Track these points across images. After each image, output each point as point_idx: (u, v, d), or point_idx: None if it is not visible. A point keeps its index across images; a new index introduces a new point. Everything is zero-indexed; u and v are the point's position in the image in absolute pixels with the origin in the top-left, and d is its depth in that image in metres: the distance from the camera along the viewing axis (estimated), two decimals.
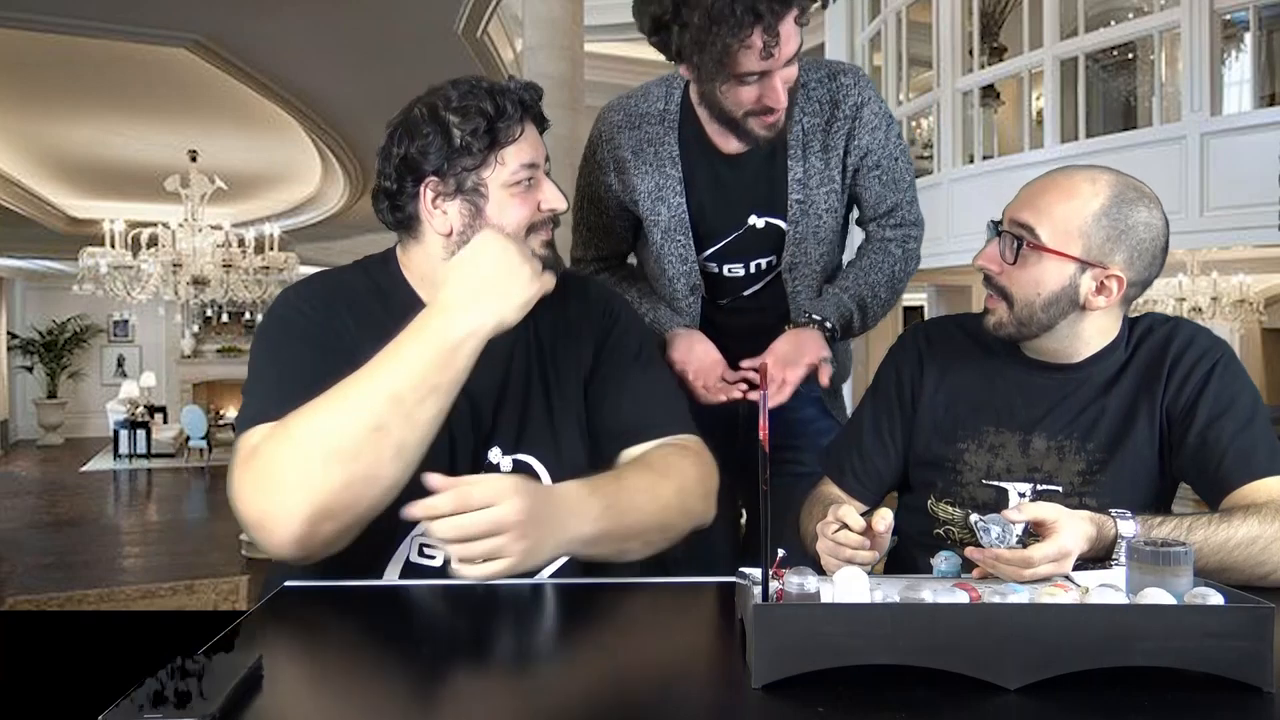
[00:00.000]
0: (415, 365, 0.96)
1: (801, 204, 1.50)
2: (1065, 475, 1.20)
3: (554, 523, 0.95)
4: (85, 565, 6.79)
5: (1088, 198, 1.13)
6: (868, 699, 0.69)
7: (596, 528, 0.99)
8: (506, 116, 1.08)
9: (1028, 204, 1.17)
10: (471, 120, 1.07)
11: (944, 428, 1.28)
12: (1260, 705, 0.69)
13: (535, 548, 0.92)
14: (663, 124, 1.51)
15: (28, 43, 5.32)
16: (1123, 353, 1.23)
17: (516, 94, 1.10)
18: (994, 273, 1.18)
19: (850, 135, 1.49)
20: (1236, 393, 1.16)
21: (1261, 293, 7.75)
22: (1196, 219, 4.69)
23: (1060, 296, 1.15)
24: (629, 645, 0.92)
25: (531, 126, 1.12)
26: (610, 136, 1.54)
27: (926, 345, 1.35)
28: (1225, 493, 1.12)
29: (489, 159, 1.09)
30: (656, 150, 1.51)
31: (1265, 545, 1.00)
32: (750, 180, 1.51)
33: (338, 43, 5.48)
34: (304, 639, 0.90)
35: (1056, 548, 0.90)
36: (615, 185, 1.56)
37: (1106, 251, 1.13)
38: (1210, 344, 1.20)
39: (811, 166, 1.49)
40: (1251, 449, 1.12)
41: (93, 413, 15.11)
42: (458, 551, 0.90)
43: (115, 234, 7.23)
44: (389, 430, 0.94)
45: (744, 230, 1.54)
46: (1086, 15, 5.79)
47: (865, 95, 1.48)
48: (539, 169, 1.13)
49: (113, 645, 1.11)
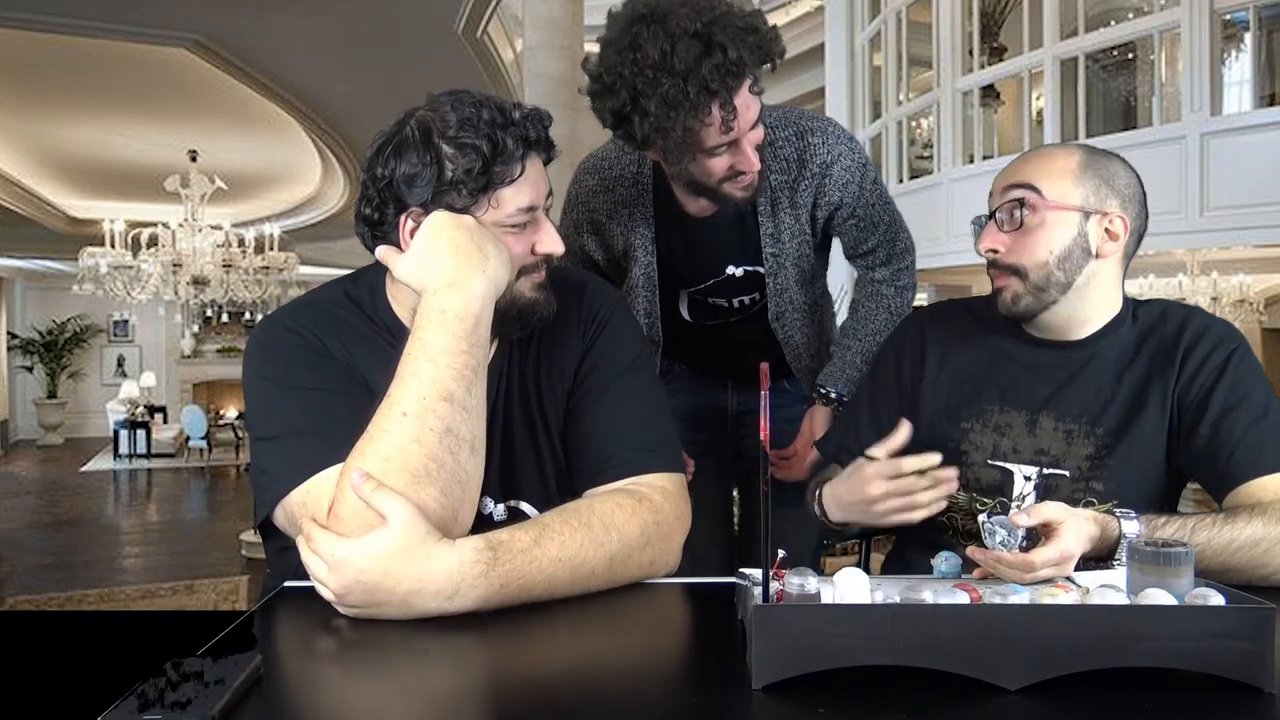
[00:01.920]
0: (451, 356, 0.93)
1: (776, 256, 1.54)
2: (1073, 459, 1.20)
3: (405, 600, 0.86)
4: (85, 565, 6.79)
5: (1065, 158, 1.19)
6: (868, 700, 0.69)
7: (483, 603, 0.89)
8: (505, 155, 0.99)
9: (1015, 174, 1.19)
10: (467, 157, 0.98)
11: (948, 408, 1.28)
12: (1261, 706, 0.69)
13: (379, 611, 0.87)
14: (636, 186, 1.54)
15: (28, 43, 5.32)
16: (1129, 331, 1.23)
17: (520, 128, 1.00)
18: (999, 253, 1.19)
19: (819, 191, 1.51)
20: (1251, 385, 1.16)
21: (1261, 293, 7.75)
22: (1196, 219, 4.68)
23: (1072, 248, 1.17)
24: (629, 645, 0.92)
25: (534, 161, 1.03)
26: (585, 200, 1.59)
27: (929, 327, 1.35)
28: (1232, 486, 1.11)
29: (481, 200, 1.00)
30: (630, 212, 1.55)
31: (1269, 547, 1.00)
32: (723, 236, 1.55)
33: (338, 43, 5.48)
34: (304, 639, 0.89)
35: (1058, 551, 0.90)
36: (590, 245, 1.62)
37: (1103, 197, 1.17)
38: (1226, 333, 1.20)
39: (782, 221, 1.52)
40: (1263, 443, 1.11)
41: (93, 413, 15.11)
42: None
43: (115, 234, 7.23)
44: (456, 430, 0.92)
45: (724, 278, 1.59)
46: (1086, 15, 5.79)
47: (834, 153, 1.49)
48: (538, 210, 1.04)
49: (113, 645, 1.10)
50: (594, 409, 1.11)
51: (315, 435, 0.98)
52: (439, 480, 0.90)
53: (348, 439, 0.93)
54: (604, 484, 1.06)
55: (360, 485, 0.88)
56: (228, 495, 10.31)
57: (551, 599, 0.93)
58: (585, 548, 0.95)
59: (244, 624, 0.89)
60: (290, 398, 1.02)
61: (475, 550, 0.89)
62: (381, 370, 1.01)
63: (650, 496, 1.04)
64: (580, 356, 1.13)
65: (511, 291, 1.03)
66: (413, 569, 0.86)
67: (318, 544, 0.89)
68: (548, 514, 0.99)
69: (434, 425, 0.91)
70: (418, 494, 0.89)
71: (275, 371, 1.04)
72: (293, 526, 0.97)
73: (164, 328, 15.02)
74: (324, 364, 1.03)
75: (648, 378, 1.17)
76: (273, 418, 1.02)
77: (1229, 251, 6.04)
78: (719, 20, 1.24)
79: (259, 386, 1.04)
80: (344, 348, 1.05)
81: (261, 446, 1.02)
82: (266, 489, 0.99)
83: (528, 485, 1.10)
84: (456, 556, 0.88)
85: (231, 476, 11.46)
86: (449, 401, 0.92)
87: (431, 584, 0.86)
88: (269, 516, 1.01)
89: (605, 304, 1.17)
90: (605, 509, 1.00)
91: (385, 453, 0.90)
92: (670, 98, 1.23)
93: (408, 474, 0.89)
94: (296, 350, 1.04)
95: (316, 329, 1.05)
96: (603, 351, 1.14)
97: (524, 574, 0.90)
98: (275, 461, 0.99)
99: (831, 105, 7.54)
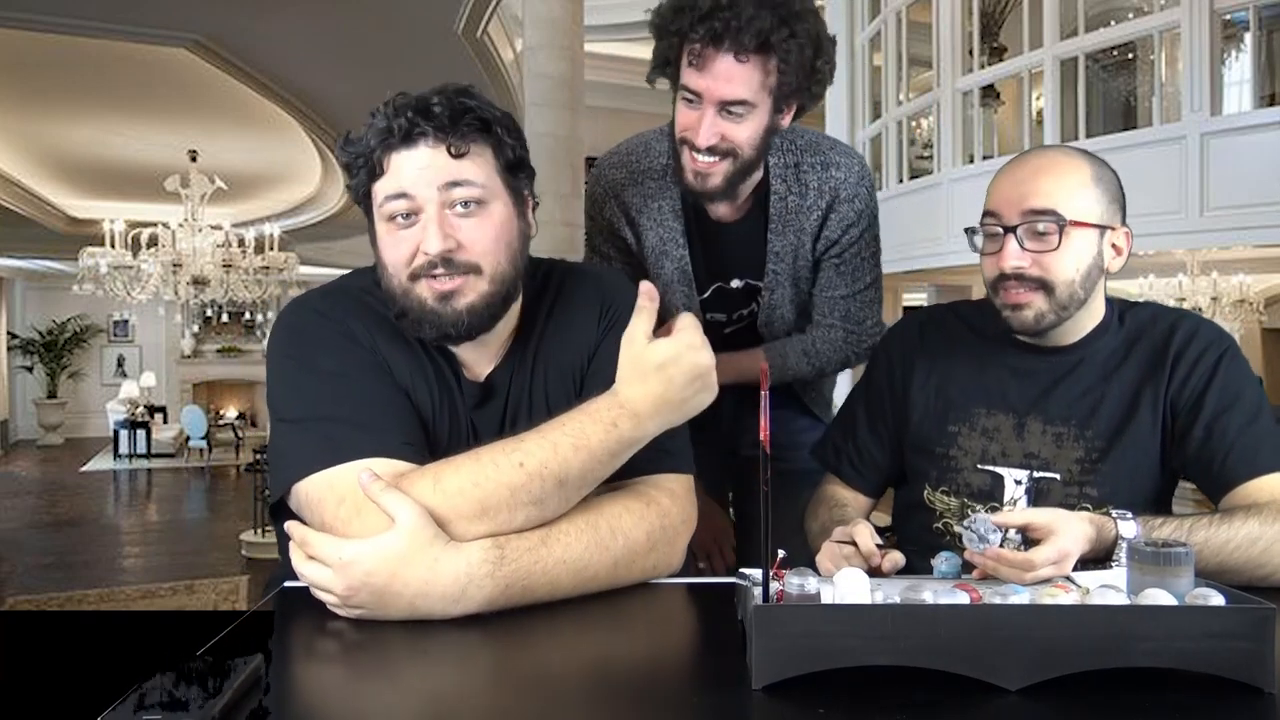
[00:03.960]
0: (592, 458, 0.94)
1: (777, 273, 1.55)
2: (1063, 463, 1.19)
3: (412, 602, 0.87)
4: (85, 565, 6.80)
5: (1076, 171, 1.17)
6: (868, 700, 0.69)
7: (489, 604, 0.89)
8: (385, 143, 0.97)
9: (1033, 195, 1.16)
10: (353, 146, 1.00)
11: (936, 412, 1.28)
12: (1261, 706, 0.69)
13: (384, 613, 0.87)
14: (665, 178, 1.52)
15: (28, 43, 5.32)
16: (1116, 334, 1.23)
17: (406, 111, 0.97)
18: (1025, 268, 1.16)
19: (823, 224, 1.51)
20: (1243, 386, 1.16)
21: (1261, 293, 7.74)
22: (1196, 219, 4.68)
23: (1093, 267, 1.18)
24: (629, 645, 0.92)
25: (427, 149, 0.97)
26: (616, 194, 1.56)
27: (919, 332, 1.36)
28: (1229, 487, 1.12)
29: (370, 189, 1.00)
30: (660, 205, 1.53)
31: (1266, 547, 1.00)
32: (735, 245, 1.55)
33: (338, 43, 5.47)
34: (305, 639, 0.89)
35: (1056, 550, 0.90)
36: (621, 241, 1.59)
37: (1112, 213, 1.18)
38: (1215, 335, 1.20)
39: (788, 242, 1.52)
40: (1257, 444, 1.12)
41: (93, 413, 15.10)
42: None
43: (115, 234, 7.23)
44: (544, 504, 0.93)
45: (727, 288, 1.59)
46: (1086, 15, 5.79)
47: (852, 192, 1.49)
48: (415, 200, 0.98)
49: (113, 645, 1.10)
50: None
51: (337, 423, 0.96)
52: (496, 522, 0.91)
53: (368, 427, 0.93)
54: (611, 481, 1.05)
55: (369, 485, 0.87)
56: (228, 495, 10.30)
57: (554, 600, 0.93)
58: (590, 551, 0.95)
59: (244, 624, 0.89)
60: (314, 381, 1.00)
61: (483, 550, 0.89)
62: (405, 360, 1.01)
63: (658, 499, 1.03)
64: (596, 343, 1.10)
65: (411, 295, 1.00)
66: (420, 571, 0.86)
67: (318, 547, 0.88)
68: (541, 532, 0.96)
69: (531, 491, 0.91)
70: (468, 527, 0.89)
71: (300, 353, 1.02)
72: (308, 511, 0.95)
73: (164, 328, 15.02)
74: (351, 350, 1.02)
75: None
76: (294, 400, 1.01)
77: (1229, 251, 6.03)
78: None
79: (283, 366, 1.03)
80: (370, 335, 1.03)
81: (281, 428, 1.01)
82: (282, 471, 0.98)
83: None
84: (464, 559, 0.88)
85: (231, 476, 11.46)
86: (559, 484, 0.93)
87: (439, 586, 0.86)
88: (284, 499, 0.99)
89: (623, 295, 1.13)
90: (613, 512, 0.99)
91: (477, 478, 0.90)
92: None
93: (478, 504, 0.90)
94: (323, 333, 1.03)
95: (346, 314, 1.04)
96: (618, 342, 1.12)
97: (528, 575, 0.90)
98: (293, 445, 0.98)
99: (831, 105, 7.54)
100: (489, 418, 1.07)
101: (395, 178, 0.98)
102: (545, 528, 0.94)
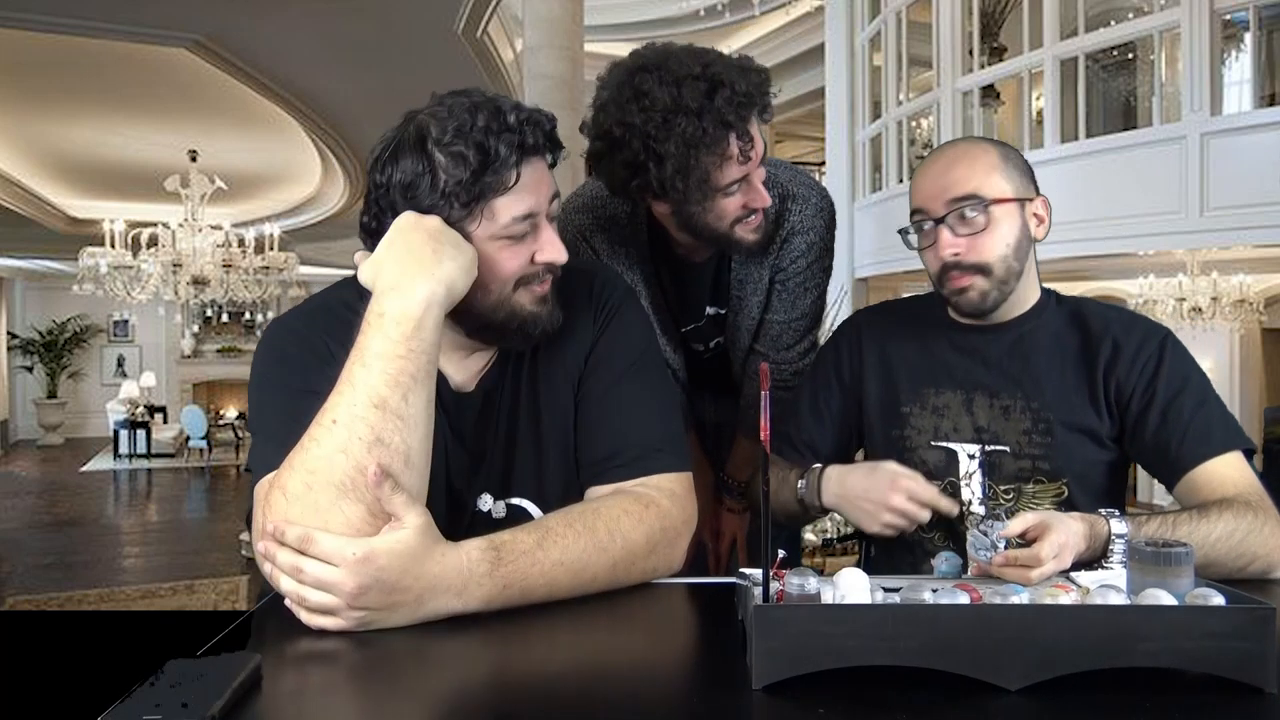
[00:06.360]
0: (386, 360, 0.88)
1: (739, 298, 1.58)
2: (1012, 435, 1.25)
3: (420, 598, 0.85)
4: (85, 565, 6.80)
5: (985, 155, 1.23)
6: (868, 700, 0.69)
7: (487, 603, 0.88)
8: (498, 164, 0.95)
9: (953, 185, 1.21)
10: (458, 167, 0.94)
11: (888, 397, 1.35)
12: (1261, 706, 0.69)
13: (381, 618, 0.84)
14: (630, 225, 1.54)
15: (28, 43, 5.32)
16: (1054, 314, 1.29)
17: (516, 133, 0.96)
18: (961, 254, 1.22)
19: (779, 254, 1.54)
20: (1189, 370, 1.22)
21: (1261, 293, 7.74)
22: (1196, 219, 4.68)
23: (1021, 238, 1.23)
24: (629, 645, 0.92)
25: (536, 165, 0.99)
26: (586, 237, 1.57)
27: (865, 325, 1.43)
28: (1185, 470, 1.16)
29: (475, 210, 0.96)
30: (627, 251, 1.56)
31: (1242, 537, 1.04)
32: (704, 279, 1.59)
33: (337, 43, 5.47)
34: (304, 639, 0.89)
35: (1054, 544, 0.91)
36: None
37: (1026, 185, 1.24)
38: (1152, 325, 1.26)
39: (749, 273, 1.55)
40: (1209, 427, 1.17)
41: (93, 413, 15.12)
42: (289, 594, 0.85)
43: (115, 234, 7.23)
44: (388, 440, 0.86)
45: (703, 321, 1.63)
46: (1086, 15, 5.79)
47: (805, 225, 1.51)
48: (538, 216, 1.00)
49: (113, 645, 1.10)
50: (600, 402, 1.08)
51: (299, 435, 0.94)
52: (367, 495, 0.85)
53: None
54: (609, 482, 1.05)
55: (378, 486, 0.85)
56: (228, 495, 10.31)
57: (554, 600, 0.93)
58: (589, 553, 0.94)
59: (244, 624, 0.89)
60: (281, 398, 1.01)
61: (479, 550, 0.88)
62: None
63: (658, 501, 1.02)
64: (591, 344, 1.10)
65: (510, 304, 1.01)
66: (430, 566, 0.86)
67: (325, 545, 0.84)
68: (551, 516, 0.97)
69: (362, 435, 0.85)
70: (342, 510, 0.84)
71: (273, 372, 1.04)
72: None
73: (164, 328, 15.04)
74: (324, 369, 0.99)
75: (657, 372, 1.14)
76: (262, 415, 1.03)
77: (1229, 251, 6.03)
78: (715, 62, 1.29)
79: (257, 385, 1.05)
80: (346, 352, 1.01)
81: (253, 441, 1.03)
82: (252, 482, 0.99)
83: (529, 481, 1.08)
84: (463, 555, 0.87)
85: (231, 476, 11.47)
86: (381, 409, 0.86)
87: (444, 581, 0.86)
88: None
89: (615, 292, 1.14)
90: (612, 514, 0.98)
91: (311, 465, 0.85)
92: (689, 136, 1.25)
93: (333, 487, 0.84)
94: (298, 353, 1.03)
95: (324, 333, 1.04)
96: (612, 342, 1.11)
97: (526, 576, 0.90)
98: (257, 457, 0.99)
99: (831, 105, 7.54)
100: (481, 428, 1.07)
101: (520, 196, 0.98)
102: (541, 530, 0.93)
